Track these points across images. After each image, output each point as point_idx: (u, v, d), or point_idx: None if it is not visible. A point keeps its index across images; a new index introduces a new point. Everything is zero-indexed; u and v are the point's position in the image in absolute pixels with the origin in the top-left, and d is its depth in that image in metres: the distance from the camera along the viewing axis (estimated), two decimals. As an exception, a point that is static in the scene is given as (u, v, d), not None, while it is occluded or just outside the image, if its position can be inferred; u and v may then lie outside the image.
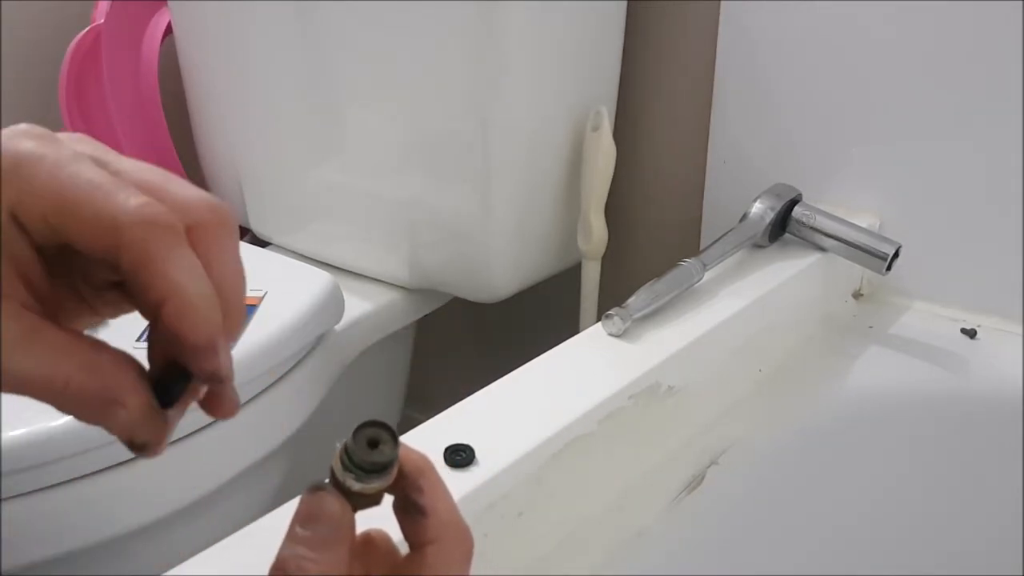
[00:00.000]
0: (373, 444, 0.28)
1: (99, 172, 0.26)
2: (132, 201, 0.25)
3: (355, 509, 0.28)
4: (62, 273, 0.28)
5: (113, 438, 0.29)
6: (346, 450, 0.28)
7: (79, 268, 0.29)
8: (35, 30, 1.05)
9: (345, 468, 0.28)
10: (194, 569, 0.38)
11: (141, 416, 0.27)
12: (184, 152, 0.98)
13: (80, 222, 0.25)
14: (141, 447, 0.28)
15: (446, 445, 0.46)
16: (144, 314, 0.28)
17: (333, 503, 0.27)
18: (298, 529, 0.27)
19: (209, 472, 0.69)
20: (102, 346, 0.27)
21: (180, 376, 0.28)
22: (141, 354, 0.29)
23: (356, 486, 0.28)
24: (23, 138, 0.27)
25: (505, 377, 0.54)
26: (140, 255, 0.25)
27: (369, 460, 0.28)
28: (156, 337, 0.28)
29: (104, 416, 0.27)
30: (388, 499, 0.30)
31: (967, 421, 0.67)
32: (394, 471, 0.29)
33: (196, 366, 0.27)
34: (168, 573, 0.38)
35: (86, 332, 0.29)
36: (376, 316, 0.88)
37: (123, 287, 0.29)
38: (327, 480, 0.29)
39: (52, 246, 0.27)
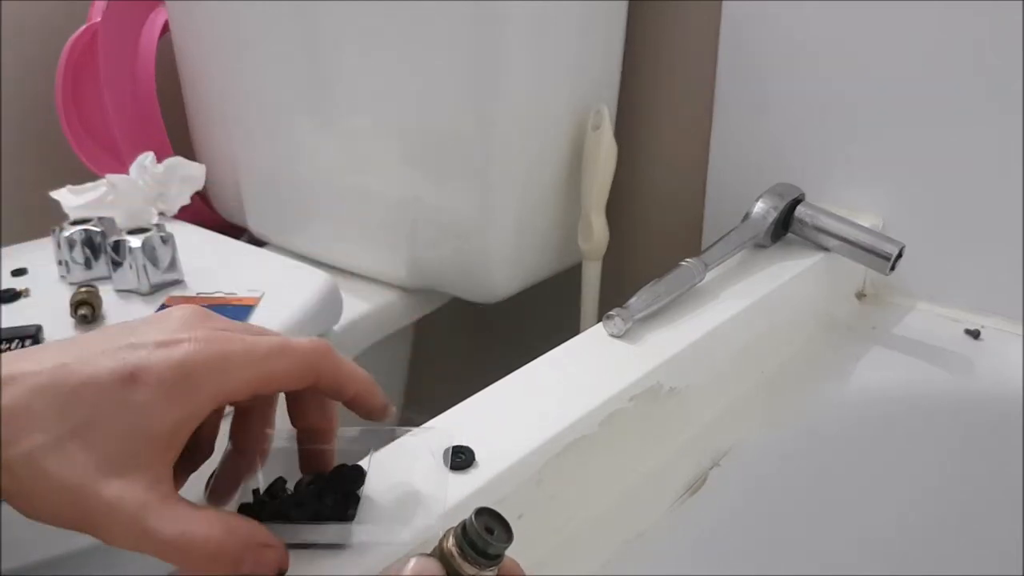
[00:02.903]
0: (488, 531, 0.29)
1: (260, 338, 0.35)
2: (306, 344, 0.36)
3: None
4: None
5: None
6: (463, 532, 0.28)
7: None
8: (32, 29, 1.05)
9: (462, 552, 0.28)
10: (190, 572, 0.37)
11: (284, 552, 0.34)
12: (181, 151, 0.97)
13: (281, 377, 0.35)
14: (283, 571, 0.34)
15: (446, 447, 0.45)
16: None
17: (439, 569, 0.29)
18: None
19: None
20: (225, 511, 0.34)
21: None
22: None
23: (469, 570, 0.28)
24: (204, 340, 0.33)
25: (505, 378, 0.53)
26: (335, 370, 0.36)
27: (490, 545, 0.28)
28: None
29: (257, 556, 0.32)
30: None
31: (970, 422, 0.67)
32: (499, 567, 0.29)
33: (383, 415, 0.38)
34: (168, 574, 0.37)
35: None
36: (375, 316, 0.88)
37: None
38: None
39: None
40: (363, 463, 0.40)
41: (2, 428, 0.29)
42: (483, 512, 0.29)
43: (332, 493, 0.37)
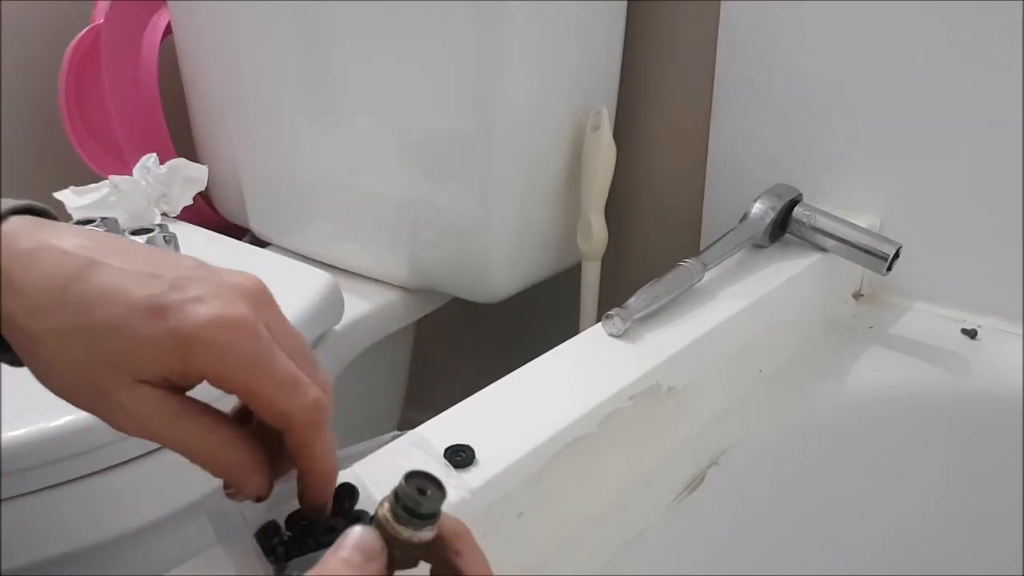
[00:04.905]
0: (421, 492, 0.29)
1: (284, 366, 0.33)
2: (306, 400, 0.33)
3: (395, 566, 0.29)
4: None
5: (115, 439, 0.35)
6: (396, 497, 0.28)
7: None
8: (35, 30, 1.05)
9: (396, 516, 0.28)
10: (194, 570, 0.38)
11: (267, 481, 0.35)
12: (183, 152, 0.98)
13: (259, 404, 0.33)
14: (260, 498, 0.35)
15: (446, 445, 0.46)
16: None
17: (375, 538, 0.28)
18: (340, 553, 0.28)
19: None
20: (238, 426, 0.35)
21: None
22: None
23: (404, 533, 0.28)
24: (238, 324, 0.33)
25: (505, 377, 0.54)
26: (302, 440, 0.33)
27: (420, 504, 0.28)
28: None
29: (240, 479, 0.34)
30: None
31: (967, 421, 0.67)
32: (437, 526, 0.29)
33: (311, 516, 0.36)
34: (168, 574, 0.38)
35: None
36: (376, 316, 0.88)
37: None
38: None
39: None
40: (352, 480, 0.39)
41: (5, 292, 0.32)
42: (415, 475, 0.29)
43: (337, 517, 0.37)
